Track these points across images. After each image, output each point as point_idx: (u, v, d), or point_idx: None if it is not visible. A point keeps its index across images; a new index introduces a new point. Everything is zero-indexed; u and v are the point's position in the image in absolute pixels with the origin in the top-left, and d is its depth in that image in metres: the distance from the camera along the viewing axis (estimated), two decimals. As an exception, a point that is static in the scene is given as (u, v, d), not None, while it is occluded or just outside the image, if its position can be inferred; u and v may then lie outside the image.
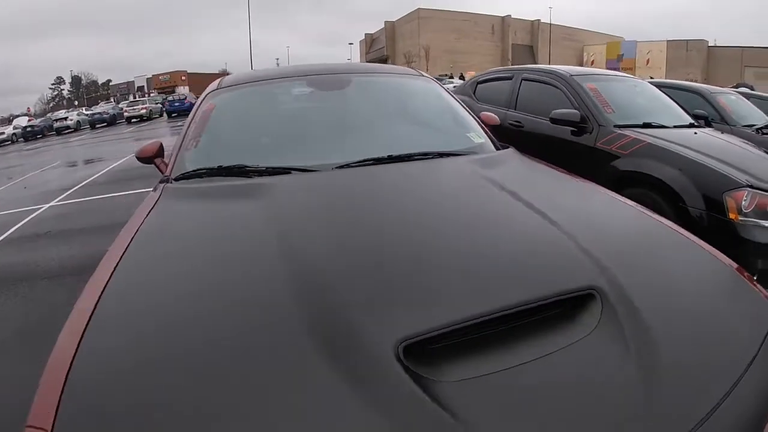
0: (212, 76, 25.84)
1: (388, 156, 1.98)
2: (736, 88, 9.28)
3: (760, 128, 5.60)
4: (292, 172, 1.88)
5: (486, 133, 2.46)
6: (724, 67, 58.11)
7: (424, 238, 1.34)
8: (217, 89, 2.56)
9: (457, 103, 2.73)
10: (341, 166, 1.90)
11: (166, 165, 2.20)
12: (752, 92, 8.44)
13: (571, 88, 4.21)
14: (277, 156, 2.03)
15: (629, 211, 1.66)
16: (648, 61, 63.08)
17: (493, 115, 2.99)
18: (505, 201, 1.59)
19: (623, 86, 4.61)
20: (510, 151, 2.28)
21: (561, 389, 0.89)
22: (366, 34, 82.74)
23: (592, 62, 65.05)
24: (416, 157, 2.01)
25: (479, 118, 2.67)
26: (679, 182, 3.16)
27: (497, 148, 2.31)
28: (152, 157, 2.43)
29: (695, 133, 3.91)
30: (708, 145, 3.55)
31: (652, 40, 66.40)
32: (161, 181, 2.00)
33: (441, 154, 2.08)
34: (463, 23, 69.10)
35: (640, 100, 4.47)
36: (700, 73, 58.61)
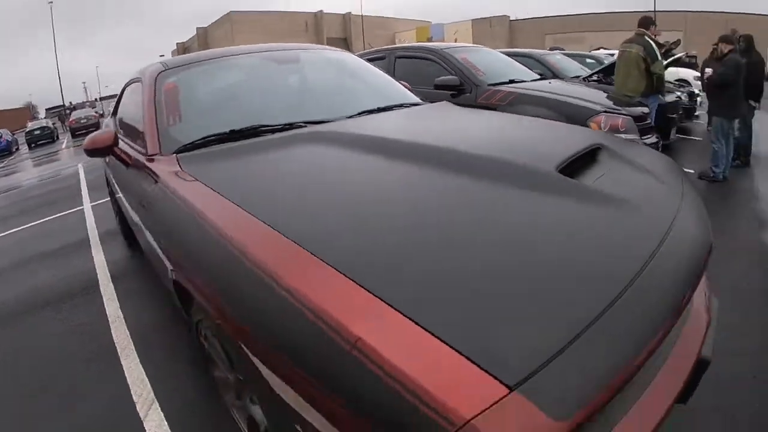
0: (19, 111, 23.36)
1: (377, 108, 2.60)
2: (551, 51, 11.15)
3: (586, 78, 7.07)
4: (307, 125, 2.26)
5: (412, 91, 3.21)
6: (526, 38, 65.98)
7: (470, 138, 2.08)
8: (166, 70, 2.65)
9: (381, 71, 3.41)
10: (350, 116, 2.42)
11: (134, 149, 2.38)
12: (566, 52, 10.33)
13: (446, 59, 5.10)
14: (274, 117, 2.33)
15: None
16: (456, 41, 68.93)
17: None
18: (496, 116, 2.52)
19: (483, 55, 5.65)
20: (446, 102, 3.01)
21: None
22: (178, 43, 78.95)
23: (404, 48, 69.67)
24: (394, 108, 2.66)
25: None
26: (551, 118, 4.17)
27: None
28: (111, 146, 2.47)
29: (549, 82, 5.04)
30: (563, 89, 4.70)
31: (458, 21, 72.53)
32: (149, 159, 2.16)
33: (407, 105, 2.77)
34: (277, 23, 69.31)
35: (499, 64, 5.53)
36: (505, 45, 65.73)
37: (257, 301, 1.14)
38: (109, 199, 5.02)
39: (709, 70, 5.87)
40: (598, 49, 22.39)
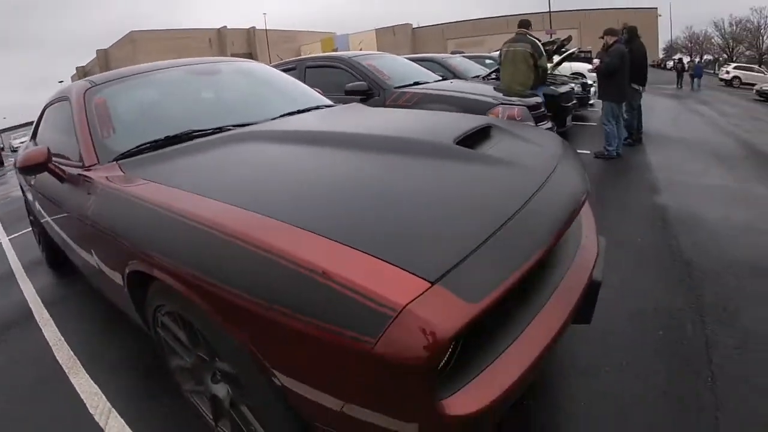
0: None
1: (297, 110, 2.84)
2: (453, 54, 11.75)
3: (484, 77, 7.59)
4: (232, 128, 2.47)
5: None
6: (428, 44, 68.36)
7: (379, 128, 2.37)
8: (93, 86, 2.78)
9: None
10: (273, 118, 2.64)
11: (67, 164, 2.49)
12: (466, 54, 10.96)
13: (353, 67, 5.35)
14: (203, 123, 2.52)
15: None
16: (361, 50, 70.03)
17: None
18: (402, 111, 2.98)
19: (387, 60, 5.96)
20: (356, 103, 3.25)
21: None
22: (77, 67, 75.22)
23: (310, 60, 70.42)
24: (312, 109, 2.91)
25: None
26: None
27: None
28: (45, 162, 2.49)
29: (451, 82, 5.42)
30: (462, 87, 5.11)
31: (363, 31, 73.86)
32: (86, 169, 2.27)
33: (322, 106, 3.04)
34: (180, 41, 67.54)
35: (402, 69, 5.86)
36: (409, 52, 67.61)
37: (228, 260, 1.36)
38: (30, 229, 5.09)
39: (596, 61, 6.55)
40: (498, 50, 23.97)
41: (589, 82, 11.48)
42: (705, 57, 58.06)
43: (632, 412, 1.93)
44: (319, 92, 3.47)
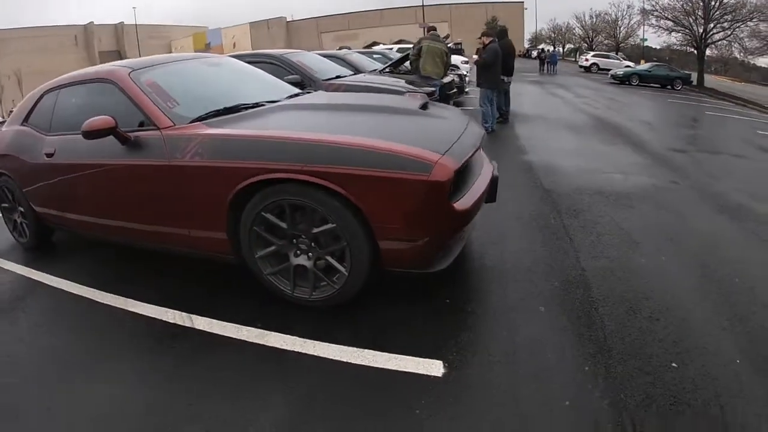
0: None
1: (295, 93, 3.97)
2: (340, 50, 13.20)
3: (381, 70, 9.13)
4: (266, 103, 3.47)
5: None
6: (303, 37, 69.13)
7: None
8: (134, 70, 3.42)
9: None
10: (288, 97, 3.76)
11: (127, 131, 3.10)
12: (358, 50, 12.55)
13: (286, 63, 6.57)
14: (237, 99, 3.46)
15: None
16: (234, 45, 68.88)
17: None
18: (372, 95, 4.26)
19: (309, 57, 7.26)
20: (321, 91, 4.52)
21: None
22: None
23: (182, 56, 67.90)
24: (300, 94, 4.06)
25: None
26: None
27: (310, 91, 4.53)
28: (114, 127, 3.05)
29: (364, 75, 6.98)
30: (375, 79, 6.76)
31: (236, 25, 72.87)
32: (167, 129, 3.01)
33: (305, 92, 4.21)
34: (45, 39, 62.59)
35: (323, 65, 7.21)
36: (284, 46, 67.90)
37: (330, 154, 2.52)
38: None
39: (475, 56, 8.42)
40: (372, 44, 25.87)
41: (464, 73, 13.59)
42: (567, 46, 64.87)
43: (523, 250, 3.49)
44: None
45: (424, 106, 3.45)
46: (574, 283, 3.02)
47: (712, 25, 26.84)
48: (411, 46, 10.38)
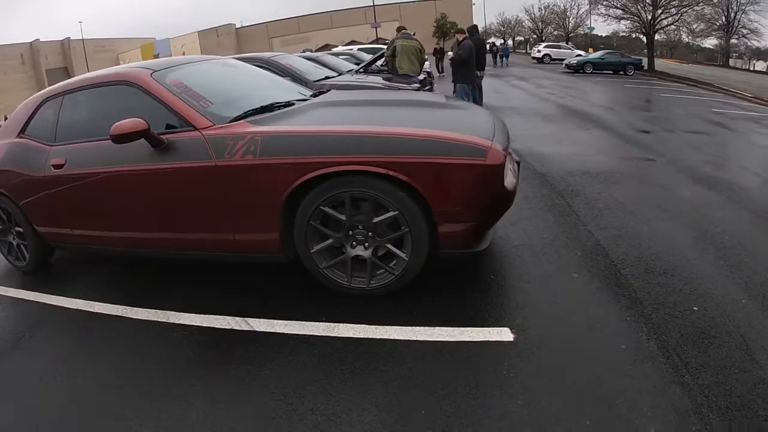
0: None
1: (315, 93, 4.08)
2: (303, 53, 13.47)
3: (357, 70, 9.45)
4: (296, 102, 3.53)
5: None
6: (253, 43, 68.60)
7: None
8: (155, 71, 3.34)
9: None
10: (314, 96, 3.89)
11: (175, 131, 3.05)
12: (330, 52, 12.86)
13: (276, 65, 6.82)
14: (263, 99, 3.46)
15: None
16: (184, 54, 67.77)
17: None
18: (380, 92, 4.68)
19: (296, 60, 7.59)
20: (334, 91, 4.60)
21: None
22: None
23: (132, 69, 66.74)
24: (320, 94, 4.20)
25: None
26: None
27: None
28: (147, 129, 2.94)
29: (351, 75, 7.35)
30: (359, 78, 7.22)
31: (184, 34, 71.83)
32: (206, 129, 2.97)
33: (323, 91, 4.35)
34: None
35: (309, 67, 7.52)
36: (235, 53, 66.96)
37: (391, 144, 2.69)
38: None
39: (450, 53, 8.79)
40: (324, 46, 26.15)
41: (429, 71, 14.09)
42: (517, 38, 66.38)
43: (541, 228, 3.85)
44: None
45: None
46: (593, 251, 3.40)
47: (660, 11, 28.22)
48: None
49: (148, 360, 2.73)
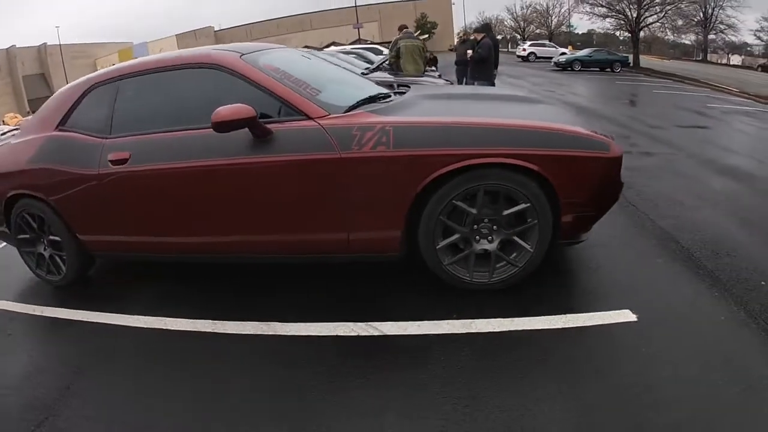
0: None
1: (402, 86, 4.22)
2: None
3: (374, 69, 9.73)
4: (392, 95, 3.38)
5: None
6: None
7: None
8: (244, 54, 3.09)
9: None
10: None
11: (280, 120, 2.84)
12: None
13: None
14: (362, 89, 3.42)
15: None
16: None
17: None
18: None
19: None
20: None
21: None
22: None
23: (110, 75, 65.99)
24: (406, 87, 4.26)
25: None
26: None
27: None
28: (254, 117, 2.71)
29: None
30: (380, 76, 7.42)
31: (162, 38, 71.17)
32: (321, 118, 2.78)
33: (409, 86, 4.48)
34: None
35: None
36: (216, 58, 66.63)
37: (530, 137, 2.74)
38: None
39: (470, 52, 9.13)
40: (331, 44, 26.38)
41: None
42: (498, 37, 67.19)
43: (611, 221, 3.73)
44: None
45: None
46: (664, 238, 3.77)
47: (644, 9, 29.21)
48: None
49: (291, 380, 2.48)
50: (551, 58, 30.94)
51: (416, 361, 2.52)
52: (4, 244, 4.26)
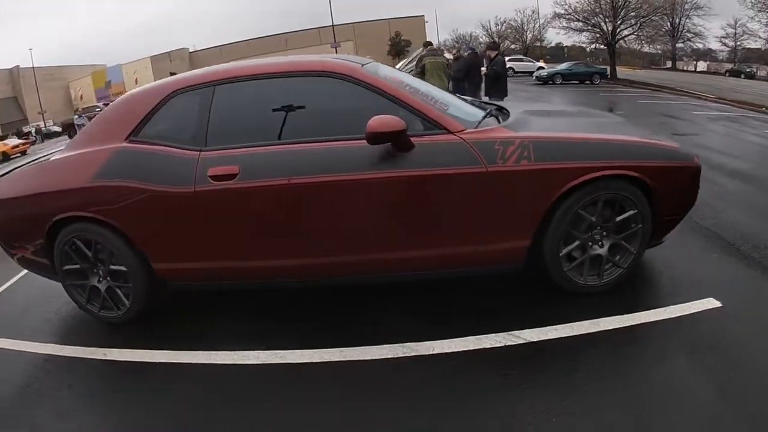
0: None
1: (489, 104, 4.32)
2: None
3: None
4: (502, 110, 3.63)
5: None
6: (207, 66, 67.38)
7: None
8: (364, 65, 3.12)
9: None
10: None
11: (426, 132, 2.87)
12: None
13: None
14: (465, 105, 3.63)
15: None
16: (137, 80, 65.60)
17: None
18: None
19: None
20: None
21: None
22: None
23: (81, 96, 65.24)
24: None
25: None
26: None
27: None
28: (404, 130, 2.68)
29: None
30: None
31: (136, 60, 70.61)
32: (463, 132, 2.86)
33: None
34: None
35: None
36: (188, 79, 65.93)
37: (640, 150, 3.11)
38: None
39: (483, 69, 9.63)
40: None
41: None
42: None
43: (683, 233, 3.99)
44: None
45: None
46: (711, 237, 4.28)
47: (619, 22, 30.55)
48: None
49: (465, 399, 2.46)
50: (531, 72, 32.01)
51: (566, 363, 2.66)
52: (21, 273, 4.02)
